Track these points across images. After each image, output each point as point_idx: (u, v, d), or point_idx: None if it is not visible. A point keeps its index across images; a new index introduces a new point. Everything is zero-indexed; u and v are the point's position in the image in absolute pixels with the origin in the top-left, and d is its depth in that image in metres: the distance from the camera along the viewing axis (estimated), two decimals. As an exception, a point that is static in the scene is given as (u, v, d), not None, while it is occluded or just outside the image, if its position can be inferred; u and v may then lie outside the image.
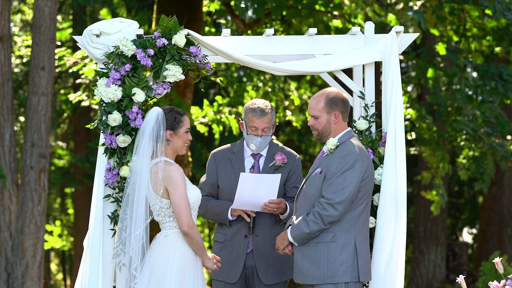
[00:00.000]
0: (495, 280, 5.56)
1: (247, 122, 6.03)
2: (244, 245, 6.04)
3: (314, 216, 5.37)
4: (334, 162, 5.42)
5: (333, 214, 5.35)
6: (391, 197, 5.63)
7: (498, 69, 12.13)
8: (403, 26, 5.93)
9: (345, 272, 5.38)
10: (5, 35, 10.25)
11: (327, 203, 5.35)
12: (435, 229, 17.35)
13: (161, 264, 5.32)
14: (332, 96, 5.55)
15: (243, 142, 6.17)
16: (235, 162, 6.10)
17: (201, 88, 5.87)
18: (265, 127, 5.99)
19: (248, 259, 6.04)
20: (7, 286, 10.16)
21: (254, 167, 6.09)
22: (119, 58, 5.62)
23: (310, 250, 5.44)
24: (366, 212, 5.51)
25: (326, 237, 5.41)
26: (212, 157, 6.19)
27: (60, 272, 26.74)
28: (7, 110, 10.27)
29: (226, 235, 6.08)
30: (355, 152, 5.42)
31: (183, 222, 5.28)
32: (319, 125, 5.56)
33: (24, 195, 10.29)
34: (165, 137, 5.38)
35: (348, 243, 5.41)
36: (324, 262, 5.40)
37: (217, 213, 6.01)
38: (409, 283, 17.29)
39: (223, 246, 6.06)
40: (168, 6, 11.71)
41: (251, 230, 6.02)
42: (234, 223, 6.06)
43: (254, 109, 5.99)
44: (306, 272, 5.44)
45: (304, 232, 5.40)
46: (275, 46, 5.92)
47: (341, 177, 5.37)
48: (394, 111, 5.72)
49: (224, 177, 6.10)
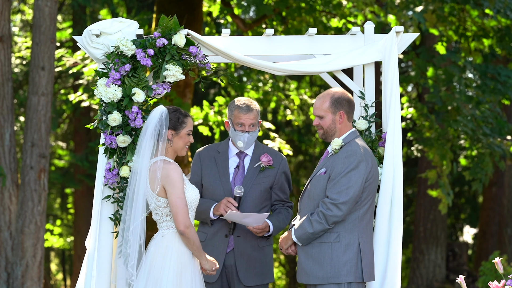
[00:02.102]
0: (495, 280, 5.56)
1: (233, 119, 6.02)
2: (224, 245, 6.03)
3: (318, 216, 5.37)
4: (339, 162, 5.43)
5: (337, 214, 5.35)
6: (389, 198, 5.63)
7: (496, 70, 12.13)
8: (402, 26, 5.93)
9: (348, 272, 5.39)
10: (5, 35, 10.26)
11: (331, 203, 5.35)
12: (435, 229, 17.35)
13: (158, 264, 5.32)
14: (338, 96, 5.56)
15: (228, 141, 6.15)
16: (219, 161, 6.09)
17: (201, 88, 5.87)
18: (252, 123, 5.99)
19: (228, 258, 6.03)
20: (7, 286, 10.16)
21: (239, 166, 6.08)
22: (119, 58, 5.62)
23: (314, 250, 5.45)
24: (370, 212, 5.52)
25: (329, 237, 5.42)
26: (197, 156, 6.19)
27: (60, 272, 26.74)
28: (7, 110, 10.27)
29: (207, 234, 6.08)
30: (359, 152, 5.43)
31: (179, 222, 5.28)
32: (324, 124, 5.57)
33: (24, 195, 10.29)
34: (167, 136, 5.39)
35: (351, 244, 5.42)
36: (327, 262, 5.40)
37: (200, 211, 5.99)
38: (409, 283, 17.29)
39: (204, 245, 6.03)
40: (168, 6, 11.71)
41: (231, 231, 6.02)
42: (215, 222, 6.06)
43: (240, 106, 5.99)
44: (310, 272, 5.45)
45: (308, 232, 5.40)
46: (275, 46, 5.92)
47: (345, 177, 5.38)
48: (393, 111, 5.72)
49: (208, 176, 6.09)
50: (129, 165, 5.54)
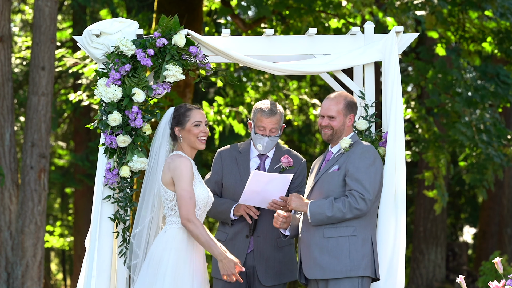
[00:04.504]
0: (495, 280, 5.57)
1: (256, 121, 6.02)
2: (245, 245, 6.04)
3: (343, 205, 5.38)
4: (355, 158, 5.47)
5: (363, 209, 5.39)
6: (391, 197, 5.64)
7: (495, 69, 12.11)
8: (402, 26, 5.94)
9: (366, 266, 5.43)
10: (5, 35, 10.26)
11: (361, 197, 5.38)
12: (435, 229, 17.36)
13: (156, 258, 5.34)
14: (349, 99, 5.64)
15: (250, 142, 6.16)
16: (240, 162, 6.10)
17: (201, 88, 5.87)
18: (273, 127, 5.99)
19: (249, 259, 6.04)
20: (7, 286, 10.16)
21: (260, 167, 6.09)
22: (119, 58, 5.62)
23: (330, 244, 5.44)
24: (377, 210, 5.59)
25: (346, 231, 5.44)
26: (218, 155, 6.19)
27: (60, 272, 26.74)
28: (7, 110, 10.27)
29: (227, 234, 6.09)
30: (372, 149, 5.52)
31: (181, 214, 5.30)
32: (335, 125, 5.60)
33: (24, 195, 10.30)
34: (176, 134, 5.44)
35: (366, 239, 5.47)
36: (346, 256, 5.41)
37: (220, 211, 6.01)
38: (409, 283, 17.30)
39: (224, 245, 6.05)
40: (168, 6, 11.71)
41: (251, 232, 6.03)
42: (236, 223, 6.06)
43: (263, 109, 5.99)
44: (326, 266, 5.43)
45: (325, 214, 5.39)
46: (275, 46, 5.93)
47: (366, 173, 5.43)
48: (394, 111, 5.73)
49: (229, 175, 6.10)
50: (129, 165, 5.55)
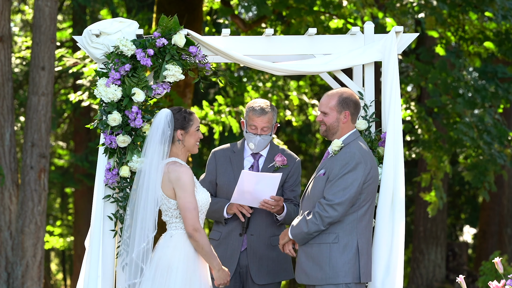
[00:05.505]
0: (495, 280, 5.56)
1: (248, 120, 6.06)
2: (238, 244, 6.05)
3: (314, 217, 5.39)
4: (337, 164, 5.45)
5: (332, 215, 5.37)
6: (390, 198, 5.63)
7: (494, 69, 12.11)
8: (402, 26, 5.94)
9: (346, 274, 5.40)
10: (5, 35, 10.26)
11: (327, 204, 5.37)
12: (435, 229, 17.36)
13: (164, 264, 5.31)
14: (346, 96, 5.59)
15: (244, 141, 6.19)
16: (234, 161, 6.12)
17: (201, 88, 5.88)
18: (265, 126, 6.01)
19: (242, 258, 6.05)
20: (7, 286, 10.16)
21: (253, 166, 6.11)
22: (119, 58, 5.62)
23: (313, 251, 5.46)
24: (369, 213, 5.52)
25: (328, 238, 5.44)
26: (212, 155, 6.22)
27: (60, 272, 26.75)
28: (7, 110, 10.27)
29: (221, 233, 6.11)
30: (357, 154, 5.44)
31: (188, 225, 5.30)
32: (327, 121, 5.59)
33: (24, 195, 10.30)
34: (177, 137, 5.40)
35: (350, 245, 5.43)
36: (326, 263, 5.42)
37: (214, 210, 6.03)
38: (409, 283, 17.30)
39: (218, 243, 6.08)
40: (168, 6, 11.71)
41: (244, 230, 6.04)
42: (229, 221, 6.09)
43: (255, 108, 6.02)
44: (310, 272, 5.46)
45: (303, 231, 5.43)
46: (275, 46, 5.93)
47: (342, 178, 5.40)
48: (393, 111, 5.72)
49: (223, 175, 6.12)
50: (129, 165, 5.55)
